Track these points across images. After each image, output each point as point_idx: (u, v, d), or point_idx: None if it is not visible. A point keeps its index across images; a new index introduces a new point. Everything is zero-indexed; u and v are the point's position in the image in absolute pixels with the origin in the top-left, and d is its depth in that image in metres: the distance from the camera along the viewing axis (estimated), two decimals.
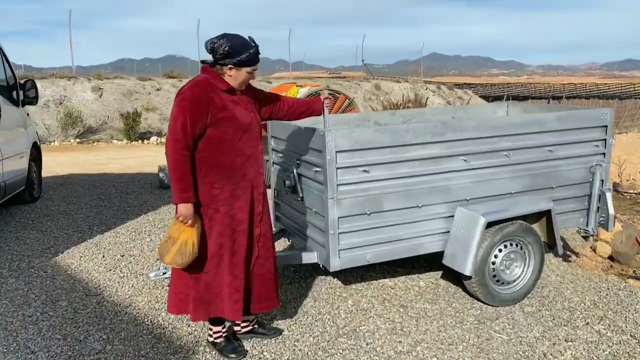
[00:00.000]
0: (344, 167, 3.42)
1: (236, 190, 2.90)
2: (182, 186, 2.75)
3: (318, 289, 3.97)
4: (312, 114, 3.43)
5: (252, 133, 2.94)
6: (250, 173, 2.94)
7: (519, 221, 3.76)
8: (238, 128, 2.86)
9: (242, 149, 2.89)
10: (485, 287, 3.71)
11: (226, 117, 2.82)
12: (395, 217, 3.61)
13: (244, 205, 2.93)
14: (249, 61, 2.83)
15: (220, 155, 2.84)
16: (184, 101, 2.76)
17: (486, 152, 3.79)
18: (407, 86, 26.31)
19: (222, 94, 2.84)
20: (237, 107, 2.89)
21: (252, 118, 2.97)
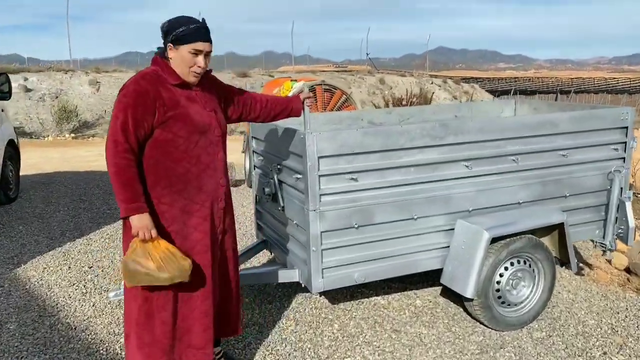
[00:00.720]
0: (327, 175, 2.99)
1: (189, 205, 2.45)
2: (130, 195, 2.29)
3: (301, 309, 3.55)
4: (290, 114, 3.00)
5: (211, 136, 2.49)
6: (208, 185, 2.49)
7: (528, 235, 3.32)
8: (193, 130, 2.41)
9: (199, 155, 2.44)
10: (488, 310, 3.27)
11: (178, 116, 2.37)
12: (387, 230, 3.17)
13: (199, 222, 2.48)
14: (187, 36, 2.34)
15: (171, 163, 2.39)
16: (125, 97, 2.31)
17: (491, 157, 3.35)
18: (413, 80, 25.79)
19: (173, 89, 2.40)
20: (193, 105, 2.44)
21: (212, 119, 2.50)
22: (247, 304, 3.60)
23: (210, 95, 2.57)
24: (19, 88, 16.12)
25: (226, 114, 2.73)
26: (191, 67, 2.38)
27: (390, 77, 25.75)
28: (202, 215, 2.48)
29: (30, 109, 15.79)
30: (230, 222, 2.68)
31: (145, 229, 2.31)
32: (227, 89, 2.75)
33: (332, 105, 7.23)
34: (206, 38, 2.40)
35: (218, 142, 2.53)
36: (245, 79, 20.01)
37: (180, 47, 2.36)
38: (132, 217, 2.31)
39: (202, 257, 2.50)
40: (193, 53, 2.36)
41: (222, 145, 2.56)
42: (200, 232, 2.48)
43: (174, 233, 2.43)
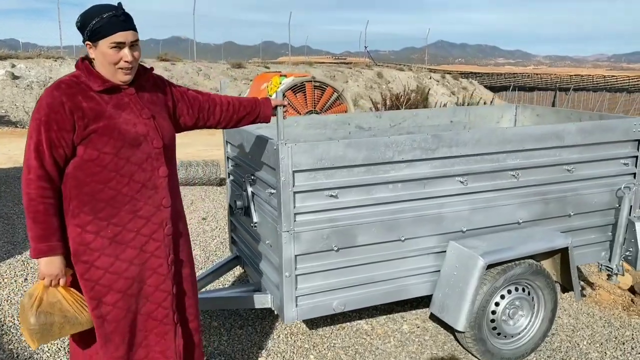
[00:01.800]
0: (304, 191, 2.65)
1: (122, 234, 2.04)
2: (41, 232, 1.92)
3: (275, 335, 3.21)
4: (257, 119, 2.57)
5: (147, 149, 2.06)
6: (145, 208, 2.07)
7: (528, 261, 2.99)
8: (122, 144, 2.00)
9: (132, 173, 2.03)
10: (482, 343, 2.94)
11: (102, 129, 1.96)
12: (371, 253, 2.84)
13: (135, 254, 2.07)
14: (102, 29, 1.93)
15: (97, 185, 1.99)
16: (38, 112, 1.92)
17: (489, 172, 3.01)
18: (411, 75, 25.39)
19: (98, 96, 1.99)
20: (124, 113, 2.02)
21: (149, 127, 2.07)
22: (214, 328, 3.25)
23: (152, 98, 2.16)
24: (6, 75, 15.68)
25: (177, 121, 2.32)
26: (117, 64, 1.99)
27: (388, 71, 25.30)
28: (138, 245, 2.07)
29: (17, 97, 15.35)
30: (186, 249, 2.28)
31: (53, 277, 1.95)
32: (178, 91, 2.33)
33: (322, 102, 6.88)
34: (125, 26, 1.98)
35: (158, 155, 2.10)
36: (240, 70, 19.60)
37: (99, 43, 1.97)
38: (40, 260, 1.95)
39: (137, 297, 2.10)
40: (114, 47, 1.96)
41: (164, 158, 2.12)
42: (137, 266, 2.08)
43: (102, 270, 2.02)
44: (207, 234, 4.85)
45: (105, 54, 1.97)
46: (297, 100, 6.79)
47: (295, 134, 3.79)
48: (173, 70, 18.18)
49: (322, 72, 21.57)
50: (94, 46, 1.98)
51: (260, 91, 7.13)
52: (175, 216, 2.20)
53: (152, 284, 2.11)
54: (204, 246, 4.56)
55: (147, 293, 2.11)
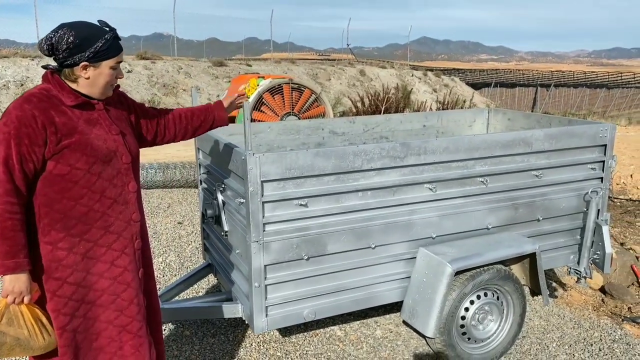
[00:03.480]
0: (273, 201, 2.65)
1: (93, 249, 2.04)
2: (7, 248, 1.87)
3: (247, 343, 3.22)
4: (214, 125, 2.57)
5: (117, 165, 2.07)
6: (116, 223, 2.08)
7: (497, 266, 3.03)
8: (94, 160, 1.99)
9: (103, 189, 2.03)
10: (452, 348, 2.98)
11: (74, 144, 1.95)
12: (341, 261, 2.85)
13: (106, 268, 2.07)
14: (108, 50, 1.99)
15: (68, 202, 1.97)
16: (7, 126, 1.87)
17: (458, 179, 3.05)
18: (393, 72, 25.48)
19: (69, 111, 1.98)
20: (94, 129, 2.02)
21: (119, 143, 2.09)
22: (187, 337, 3.25)
23: (118, 114, 2.17)
24: None
25: (141, 136, 2.34)
26: (111, 82, 2.05)
27: (370, 69, 25.36)
28: (110, 259, 2.08)
29: None
30: (150, 262, 2.30)
31: (17, 295, 1.91)
32: (139, 107, 2.34)
33: (300, 104, 6.88)
34: (121, 46, 2.06)
35: (127, 170, 2.11)
36: (222, 68, 19.49)
37: (101, 65, 1.99)
38: (5, 278, 1.90)
39: (104, 312, 2.09)
40: (114, 67, 2.04)
41: (132, 173, 2.14)
42: (107, 280, 2.08)
43: (75, 285, 2.02)
44: (183, 239, 4.82)
45: (104, 75, 2.01)
46: (275, 102, 6.79)
47: (269, 139, 3.79)
48: (153, 68, 18.03)
49: (304, 69, 21.56)
50: (93, 67, 1.98)
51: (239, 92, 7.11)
52: (143, 230, 2.22)
53: (126, 297, 2.11)
54: (179, 252, 4.53)
55: (121, 306, 2.11)
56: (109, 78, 2.03)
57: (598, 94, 39.68)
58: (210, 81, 18.40)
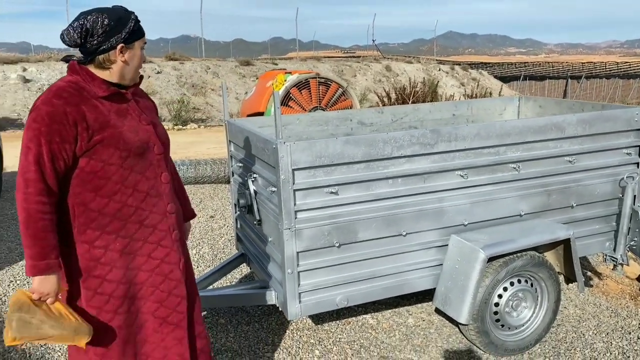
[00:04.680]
0: (304, 189, 2.68)
1: (130, 245, 2.01)
2: (39, 250, 1.82)
3: (281, 331, 3.26)
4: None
5: (150, 157, 2.02)
6: (151, 217, 2.03)
7: (530, 253, 3.00)
8: (128, 153, 1.94)
9: (136, 183, 1.98)
10: (485, 335, 2.96)
11: (107, 139, 1.90)
12: (372, 249, 2.87)
13: (144, 261, 2.04)
14: (139, 29, 1.98)
15: (102, 199, 1.93)
16: (36, 122, 1.81)
17: (489, 165, 3.02)
18: (420, 67, 25.28)
19: (99, 103, 1.91)
20: (126, 121, 1.97)
21: (150, 133, 2.03)
22: (222, 325, 3.31)
23: (145, 105, 2.13)
24: (18, 79, 15.88)
25: None
26: (140, 64, 2.04)
27: (396, 64, 25.22)
28: (147, 252, 2.05)
29: (29, 100, 15.53)
30: (187, 253, 2.28)
31: (44, 295, 1.87)
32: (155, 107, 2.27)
33: (327, 98, 6.90)
34: (143, 31, 2.05)
35: (160, 161, 2.06)
36: (248, 68, 19.64)
37: (135, 45, 1.96)
38: (35, 279, 1.85)
39: (146, 303, 2.07)
40: (143, 48, 2.03)
41: (164, 164, 2.09)
42: (145, 272, 2.05)
43: (115, 282, 1.98)
44: (215, 232, 4.91)
45: (137, 56, 1.98)
46: (302, 97, 6.83)
47: (298, 131, 3.82)
48: (182, 69, 18.28)
49: (330, 66, 21.56)
50: (127, 48, 1.94)
51: (266, 89, 7.18)
52: (179, 221, 2.19)
53: (165, 289, 2.09)
54: (212, 244, 4.62)
55: (160, 298, 2.08)
56: (139, 60, 2.00)
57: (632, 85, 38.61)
58: (237, 80, 18.56)
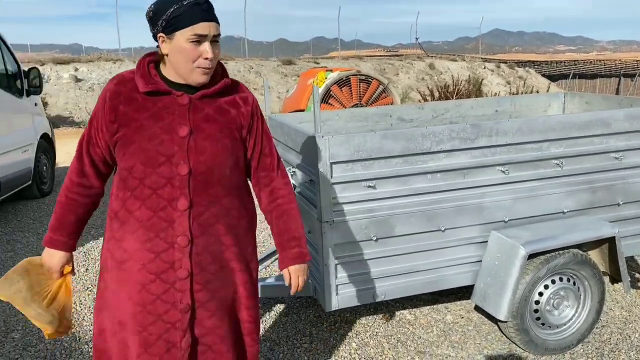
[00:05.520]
0: (342, 182, 2.71)
1: (129, 263, 1.78)
2: (53, 222, 1.84)
3: (319, 323, 3.30)
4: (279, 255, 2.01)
5: (168, 173, 1.72)
6: (155, 242, 1.75)
7: (572, 250, 2.93)
8: (135, 162, 1.72)
9: (144, 198, 1.74)
10: (525, 333, 2.92)
11: (122, 138, 1.74)
12: (410, 243, 2.87)
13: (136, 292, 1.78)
14: (182, 17, 1.65)
15: (118, 202, 1.80)
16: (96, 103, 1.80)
17: (532, 161, 2.97)
18: (464, 65, 24.88)
19: (140, 98, 1.75)
20: (157, 125, 1.73)
21: (179, 146, 1.72)
22: (260, 315, 3.38)
23: (213, 114, 1.78)
24: (70, 78, 16.53)
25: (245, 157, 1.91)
26: (195, 62, 1.69)
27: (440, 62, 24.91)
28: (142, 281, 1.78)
29: (80, 98, 16.13)
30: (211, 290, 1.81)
31: (49, 269, 1.88)
32: (257, 126, 1.89)
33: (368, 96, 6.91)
34: (208, 16, 1.68)
35: (182, 183, 1.73)
36: (290, 67, 19.81)
37: (175, 35, 1.67)
38: (45, 249, 1.87)
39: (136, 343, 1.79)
40: (194, 40, 1.66)
41: (191, 188, 1.74)
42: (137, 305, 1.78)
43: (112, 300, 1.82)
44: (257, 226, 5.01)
45: (182, 49, 1.67)
46: (342, 95, 6.86)
47: (337, 127, 3.85)
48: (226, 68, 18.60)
49: (372, 65, 21.49)
50: (168, 39, 1.69)
51: (307, 87, 7.24)
52: (210, 258, 1.80)
53: (153, 332, 1.77)
54: None
55: (146, 342, 1.78)
56: (189, 54, 1.67)
57: None
58: (279, 79, 18.74)
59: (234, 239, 1.85)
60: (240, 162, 1.85)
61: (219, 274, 1.82)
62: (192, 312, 1.78)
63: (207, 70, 1.72)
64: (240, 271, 1.88)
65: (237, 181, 1.85)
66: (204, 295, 1.80)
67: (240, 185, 1.87)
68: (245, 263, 1.91)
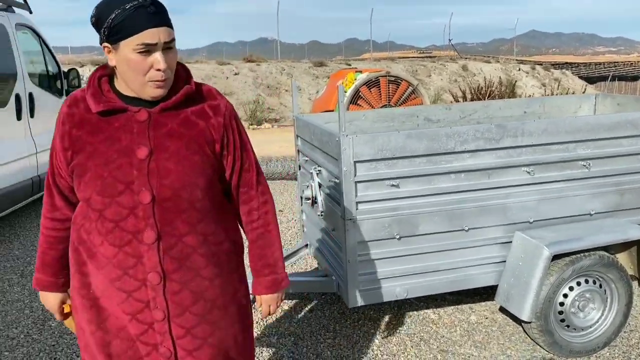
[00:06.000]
0: (365, 181, 2.76)
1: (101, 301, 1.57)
2: (37, 263, 1.68)
3: (342, 320, 3.35)
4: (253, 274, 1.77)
5: (129, 202, 1.46)
6: (124, 280, 1.50)
7: (599, 253, 2.90)
8: (92, 191, 1.48)
9: (106, 232, 1.49)
10: (549, 335, 2.91)
11: (78, 167, 1.50)
12: (433, 242, 2.89)
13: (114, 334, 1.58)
14: (124, 25, 1.37)
15: (83, 234, 1.57)
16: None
17: (558, 162, 2.96)
18: (498, 67, 24.55)
19: (95, 119, 1.49)
20: (112, 148, 1.47)
21: (139, 171, 1.46)
22: (285, 311, 3.44)
23: (178, 128, 1.49)
24: None
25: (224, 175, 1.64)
26: (147, 74, 1.43)
27: (473, 64, 24.63)
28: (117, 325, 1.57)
29: None
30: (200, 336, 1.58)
31: (50, 310, 1.73)
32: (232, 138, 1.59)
33: (397, 97, 6.92)
34: (158, 20, 1.40)
35: (147, 213, 1.46)
36: (322, 69, 19.91)
37: (120, 46, 1.41)
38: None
39: None
40: (143, 51, 1.40)
41: (157, 218, 1.47)
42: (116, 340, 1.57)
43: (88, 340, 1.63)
44: (283, 225, 5.09)
45: (129, 61, 1.41)
46: (371, 95, 6.90)
47: (364, 127, 3.89)
48: (258, 70, 18.83)
49: (404, 67, 21.43)
50: (113, 49, 1.43)
51: (336, 87, 7.30)
52: (191, 297, 1.54)
53: None
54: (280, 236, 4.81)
55: None
56: (137, 66, 1.40)
57: None
58: (310, 81, 18.86)
59: (217, 269, 1.58)
60: (215, 180, 1.57)
61: (207, 317, 1.57)
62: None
63: (160, 83, 1.45)
64: (230, 306, 1.63)
65: (212, 202, 1.56)
66: (190, 343, 1.56)
67: (217, 205, 1.59)
68: (232, 294, 1.64)
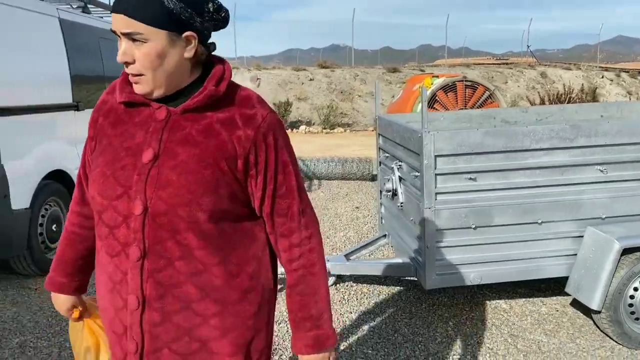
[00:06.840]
0: (445, 174, 3.03)
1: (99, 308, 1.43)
2: (54, 262, 1.54)
3: (418, 304, 3.62)
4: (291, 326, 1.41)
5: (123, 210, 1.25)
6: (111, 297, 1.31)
7: None
8: (104, 189, 1.28)
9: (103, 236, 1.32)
10: (619, 325, 3.05)
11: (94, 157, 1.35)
12: (507, 233, 3.12)
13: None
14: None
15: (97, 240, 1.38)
16: None
17: (631, 162, 3.11)
18: (579, 74, 23.74)
19: (120, 110, 1.34)
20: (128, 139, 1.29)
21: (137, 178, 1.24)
22: (364, 293, 3.76)
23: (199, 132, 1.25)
24: None
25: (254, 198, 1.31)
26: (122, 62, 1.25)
27: (553, 71, 23.95)
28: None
29: None
30: None
31: (60, 311, 1.57)
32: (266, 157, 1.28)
33: (473, 101, 7.07)
34: (116, 6, 1.19)
35: (138, 225, 1.23)
36: (395, 75, 20.11)
37: None
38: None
39: None
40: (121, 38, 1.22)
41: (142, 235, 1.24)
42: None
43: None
44: (359, 220, 5.44)
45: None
46: (448, 100, 7.09)
47: (442, 127, 4.15)
48: (332, 76, 19.30)
49: (479, 73, 21.21)
50: None
51: (412, 92, 7.54)
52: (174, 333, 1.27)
53: None
54: (357, 229, 5.16)
55: None
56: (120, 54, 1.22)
57: None
58: (384, 87, 19.10)
59: (217, 307, 1.28)
60: (231, 203, 1.27)
61: (190, 358, 1.28)
62: None
63: (134, 78, 1.24)
64: (229, 356, 1.30)
65: (223, 228, 1.27)
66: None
67: (235, 233, 1.30)
68: (241, 345, 1.31)
